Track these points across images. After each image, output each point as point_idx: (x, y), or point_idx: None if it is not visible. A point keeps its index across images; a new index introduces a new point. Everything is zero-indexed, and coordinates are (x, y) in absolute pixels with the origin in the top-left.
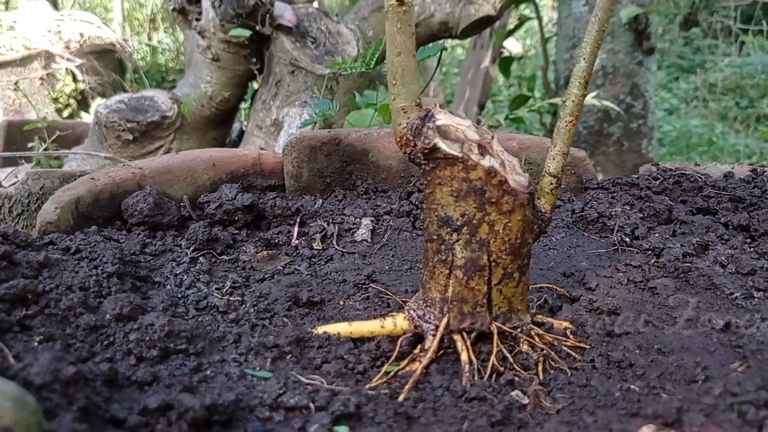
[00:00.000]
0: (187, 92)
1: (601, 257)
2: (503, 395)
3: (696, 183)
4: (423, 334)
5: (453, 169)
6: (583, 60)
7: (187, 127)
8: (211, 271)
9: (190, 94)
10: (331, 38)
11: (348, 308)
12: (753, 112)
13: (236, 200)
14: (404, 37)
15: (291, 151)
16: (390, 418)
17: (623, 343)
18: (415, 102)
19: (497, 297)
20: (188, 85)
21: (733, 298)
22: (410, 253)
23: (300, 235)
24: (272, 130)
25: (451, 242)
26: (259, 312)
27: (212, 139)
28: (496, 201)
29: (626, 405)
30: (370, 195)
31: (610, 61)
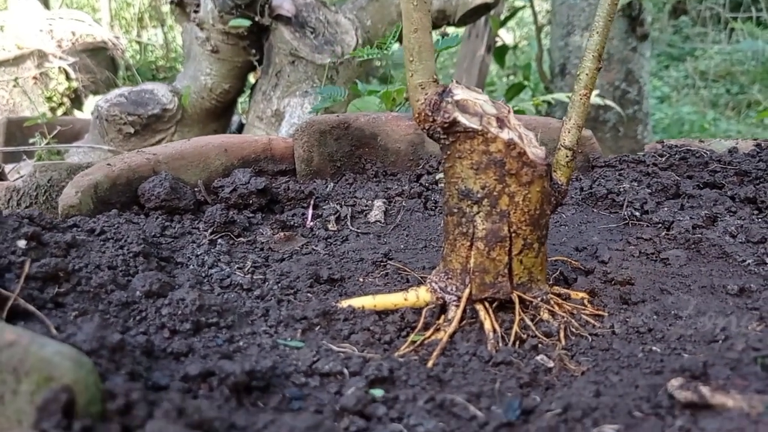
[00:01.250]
0: (187, 85)
1: (612, 232)
2: (529, 360)
3: (702, 158)
4: (446, 304)
5: (473, 142)
6: (597, 33)
7: (188, 119)
8: (231, 252)
9: (191, 87)
10: (330, 28)
11: (368, 285)
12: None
13: (250, 184)
14: (420, 14)
15: (301, 136)
16: (423, 381)
17: (640, 310)
18: (432, 78)
19: (518, 267)
20: (188, 78)
21: (745, 265)
22: (423, 233)
23: (314, 217)
24: (273, 120)
25: (472, 214)
26: (282, 289)
27: (213, 131)
28: (516, 173)
29: (650, 365)
30: (380, 178)
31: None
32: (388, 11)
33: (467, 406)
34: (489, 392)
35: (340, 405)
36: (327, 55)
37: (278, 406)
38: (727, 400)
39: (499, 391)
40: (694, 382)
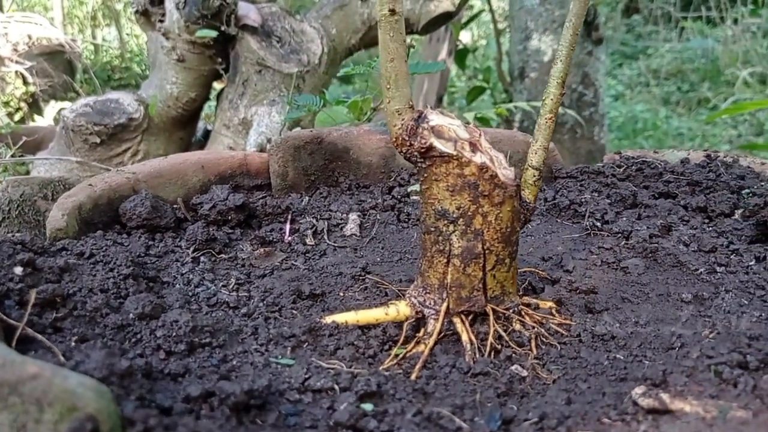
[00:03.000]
0: (153, 93)
1: (575, 242)
2: (504, 370)
3: (656, 169)
4: (424, 318)
5: (448, 166)
6: (560, 62)
7: (154, 128)
8: (214, 269)
9: (157, 96)
10: (296, 37)
11: (348, 299)
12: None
13: (228, 200)
14: (396, 44)
15: (277, 152)
16: (409, 394)
17: (604, 318)
18: (408, 104)
19: (491, 281)
20: (153, 87)
21: (698, 273)
22: (398, 245)
23: (292, 231)
24: (240, 129)
25: (448, 233)
26: (268, 306)
27: (179, 139)
28: (489, 194)
29: (615, 372)
30: (353, 191)
31: None
32: (352, 20)
33: (453, 418)
34: (471, 404)
35: (334, 420)
36: (294, 64)
37: (276, 423)
38: (685, 405)
39: (480, 402)
40: (655, 390)
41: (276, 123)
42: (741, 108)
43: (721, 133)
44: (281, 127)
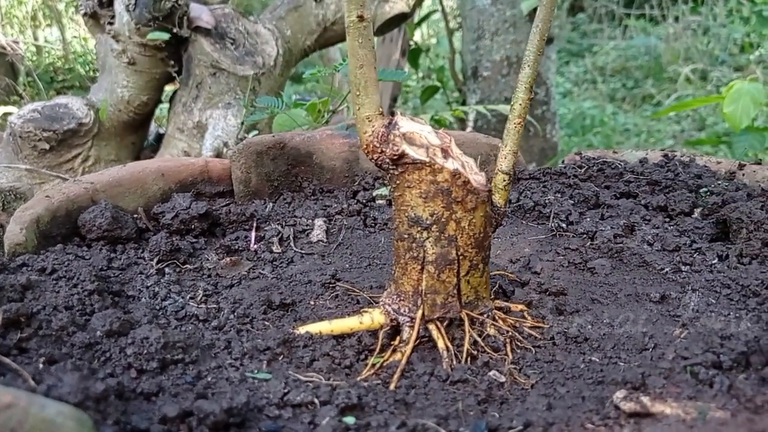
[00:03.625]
0: (103, 98)
1: (542, 243)
2: (482, 376)
3: (617, 169)
4: (399, 326)
5: (421, 173)
6: (528, 66)
7: (105, 133)
8: (180, 280)
9: (107, 100)
10: (250, 38)
11: (320, 307)
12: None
13: (191, 209)
14: (365, 51)
15: (239, 158)
16: (391, 405)
17: (576, 320)
18: (378, 110)
19: (465, 287)
20: (103, 90)
21: (663, 273)
22: (366, 251)
23: (257, 239)
24: (195, 132)
25: (422, 240)
26: (239, 317)
27: (131, 143)
28: (462, 200)
29: (592, 375)
30: (317, 196)
31: (513, 51)
32: (307, 21)
33: (438, 429)
34: (454, 413)
35: None
36: (249, 66)
37: None
38: (665, 408)
39: (463, 412)
40: (635, 393)
41: (232, 126)
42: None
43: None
44: (238, 130)
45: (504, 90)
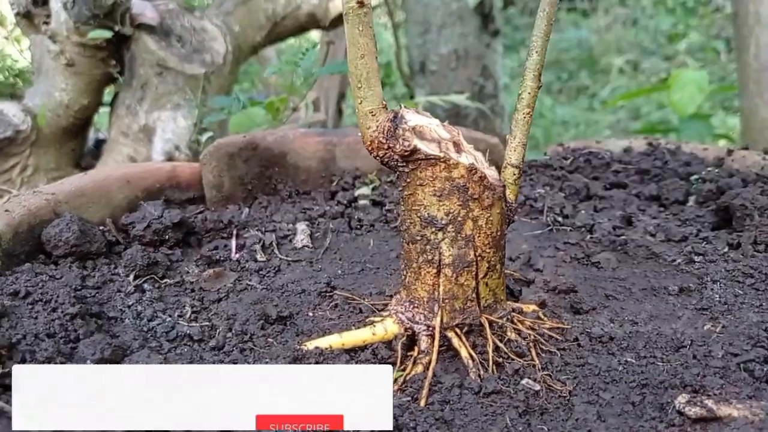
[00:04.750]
0: (41, 102)
1: (539, 238)
2: (515, 385)
3: (603, 159)
4: (415, 335)
5: (434, 169)
6: (536, 53)
7: (43, 140)
8: (163, 297)
9: (46, 105)
10: (197, 35)
11: (320, 319)
12: (574, 84)
13: (164, 218)
14: (366, 39)
15: (210, 161)
16: (431, 425)
17: (595, 318)
18: (381, 104)
19: (484, 290)
20: (40, 95)
21: (676, 264)
22: (356, 255)
23: (238, 248)
24: (141, 136)
25: (437, 241)
26: (237, 335)
27: (71, 150)
28: (479, 197)
29: (633, 377)
30: (294, 198)
31: (461, 44)
32: (256, 16)
33: None
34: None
35: None
36: (197, 64)
37: None
38: (732, 410)
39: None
40: (698, 396)
41: (183, 129)
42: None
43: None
44: (190, 132)
45: (453, 84)
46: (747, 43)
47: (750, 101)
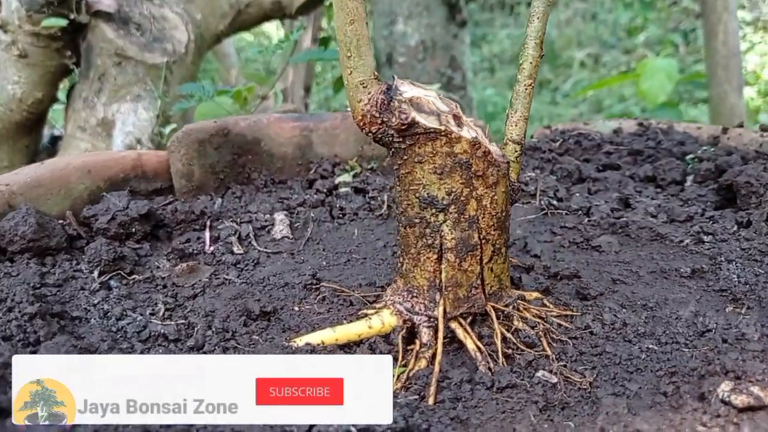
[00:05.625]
0: None
1: (534, 223)
2: (530, 378)
3: (594, 141)
4: (415, 327)
5: (435, 144)
6: (537, 19)
7: None
8: (132, 294)
9: None
10: (157, 23)
11: (307, 313)
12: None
13: (130, 209)
14: (356, 4)
15: (178, 148)
16: (447, 426)
17: (605, 304)
18: (373, 75)
19: (489, 276)
20: None
21: (684, 245)
22: (340, 245)
23: (213, 240)
24: (99, 130)
25: (438, 224)
26: (217, 333)
27: (25, 147)
28: (483, 174)
29: (659, 365)
30: (269, 188)
31: (428, 35)
32: (218, 3)
33: None
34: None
35: None
36: (158, 53)
37: None
38: None
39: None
40: (743, 383)
41: (144, 121)
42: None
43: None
44: (152, 124)
45: (421, 75)
46: (716, 30)
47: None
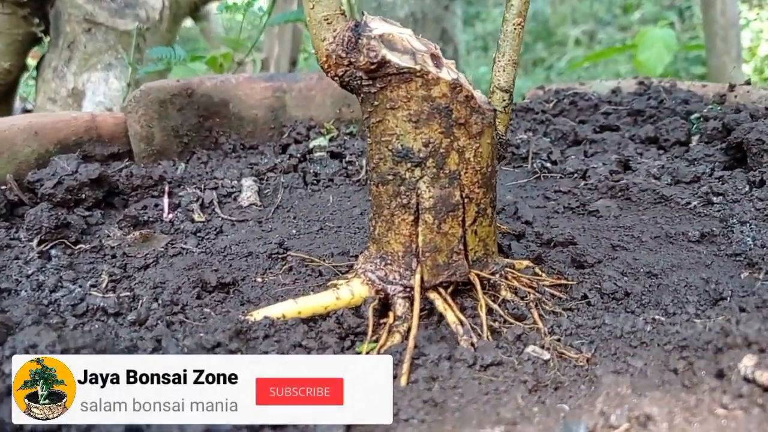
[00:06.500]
0: None
1: (525, 188)
2: (519, 355)
3: (590, 101)
4: (389, 298)
5: (409, 87)
6: None
7: None
8: (74, 265)
9: None
10: None
11: (271, 285)
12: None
13: (79, 174)
14: None
15: (136, 108)
16: (419, 410)
17: (603, 272)
18: (339, 10)
19: (472, 240)
20: None
21: (691, 207)
22: (313, 213)
23: (172, 207)
24: (70, 101)
25: (414, 180)
26: (165, 306)
27: None
28: (465, 122)
29: (667, 338)
30: (238, 153)
31: (418, 6)
32: None
33: None
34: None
35: None
36: (130, 19)
37: None
38: None
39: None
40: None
41: (116, 90)
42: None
43: None
44: (123, 93)
45: None
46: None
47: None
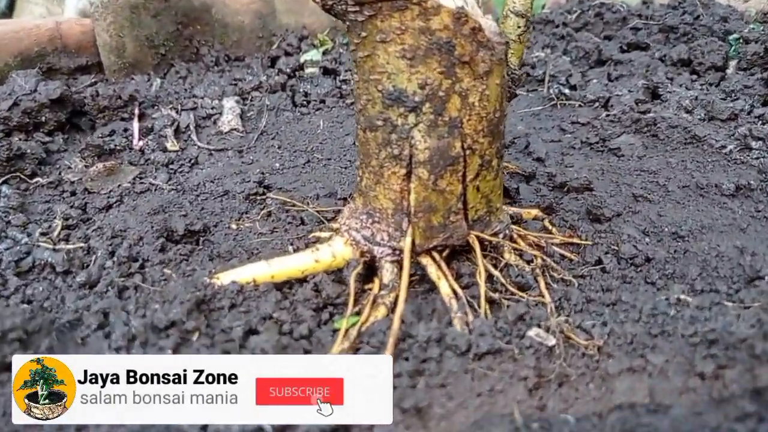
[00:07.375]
0: None
1: (539, 117)
2: (520, 339)
3: (619, 14)
4: (376, 261)
5: (404, 16)
6: None
7: None
8: (26, 205)
9: None
10: None
11: (246, 233)
12: None
13: (38, 93)
14: None
15: (104, 15)
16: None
17: (623, 229)
18: None
19: (473, 197)
20: None
21: (726, 152)
22: (300, 141)
23: (143, 132)
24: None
25: (407, 128)
26: (120, 263)
27: None
28: (470, 60)
29: (693, 327)
30: (222, 66)
31: None
32: None
33: None
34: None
35: None
36: None
37: None
38: None
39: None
40: None
41: None
42: None
43: None
44: None
45: None
46: None
47: None
